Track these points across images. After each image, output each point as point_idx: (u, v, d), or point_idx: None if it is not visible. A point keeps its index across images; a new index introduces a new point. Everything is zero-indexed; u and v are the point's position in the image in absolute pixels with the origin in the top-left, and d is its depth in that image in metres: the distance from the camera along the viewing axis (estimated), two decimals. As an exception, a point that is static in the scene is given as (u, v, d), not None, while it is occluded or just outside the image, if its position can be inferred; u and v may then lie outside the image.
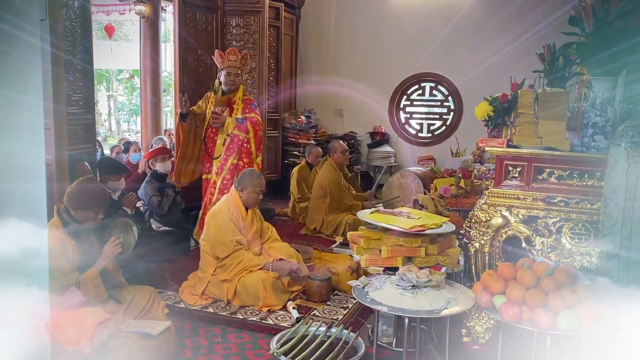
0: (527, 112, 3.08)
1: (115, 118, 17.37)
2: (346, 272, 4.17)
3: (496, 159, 3.16)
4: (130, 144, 7.28)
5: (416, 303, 2.70)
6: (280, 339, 2.95)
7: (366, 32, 8.25)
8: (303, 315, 3.69)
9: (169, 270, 4.60)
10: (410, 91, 8.50)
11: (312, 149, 6.76)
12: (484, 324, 3.07)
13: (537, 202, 3.01)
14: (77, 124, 4.40)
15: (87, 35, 4.52)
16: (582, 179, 2.95)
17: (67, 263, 2.86)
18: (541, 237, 3.01)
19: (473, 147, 6.65)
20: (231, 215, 3.99)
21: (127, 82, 16.97)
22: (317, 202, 6.08)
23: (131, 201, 4.61)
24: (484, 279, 2.72)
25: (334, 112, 8.68)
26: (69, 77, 4.30)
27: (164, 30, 9.91)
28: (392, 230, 3.15)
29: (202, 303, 3.87)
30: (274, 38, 7.57)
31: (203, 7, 6.36)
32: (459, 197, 4.79)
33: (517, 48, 6.95)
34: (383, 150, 8.31)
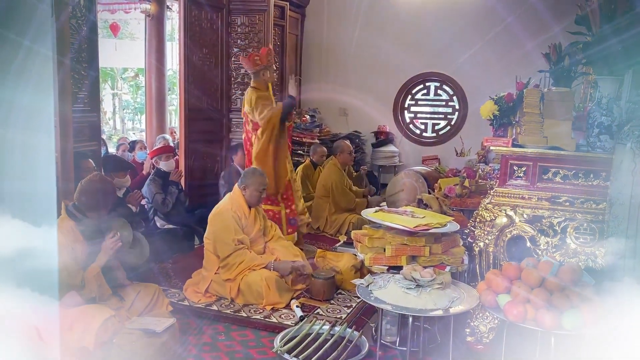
0: (533, 111, 3.08)
1: (120, 116, 17.40)
2: (350, 270, 4.17)
3: (501, 158, 3.15)
4: (135, 143, 7.30)
5: (420, 302, 2.70)
6: (284, 337, 2.96)
7: (371, 31, 8.23)
8: (307, 313, 3.69)
9: (172, 268, 4.61)
10: (415, 91, 8.48)
11: (317, 149, 6.77)
12: (488, 324, 3.07)
13: (542, 202, 3.01)
14: (82, 122, 4.42)
15: (92, 34, 4.53)
16: (588, 179, 2.94)
17: (74, 262, 2.87)
18: (546, 236, 3.00)
19: (478, 147, 6.64)
20: (234, 214, 3.99)
21: (132, 80, 17.00)
22: (320, 202, 6.09)
23: (136, 199, 4.62)
24: (489, 278, 2.72)
25: (338, 111, 8.67)
26: (75, 75, 4.31)
27: (169, 28, 9.92)
28: (396, 229, 3.15)
29: (205, 301, 3.88)
30: (278, 37, 7.57)
31: (208, 6, 6.36)
32: (463, 196, 4.79)
33: (522, 47, 6.93)
34: (387, 149, 8.30)
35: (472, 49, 7.71)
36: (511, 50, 7.18)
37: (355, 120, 8.57)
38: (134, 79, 16.82)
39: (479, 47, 7.63)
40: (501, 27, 7.41)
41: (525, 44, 6.86)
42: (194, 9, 6.19)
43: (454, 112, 8.36)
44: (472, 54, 7.71)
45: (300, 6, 8.33)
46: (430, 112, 8.59)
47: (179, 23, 6.18)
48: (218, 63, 6.53)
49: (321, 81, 8.56)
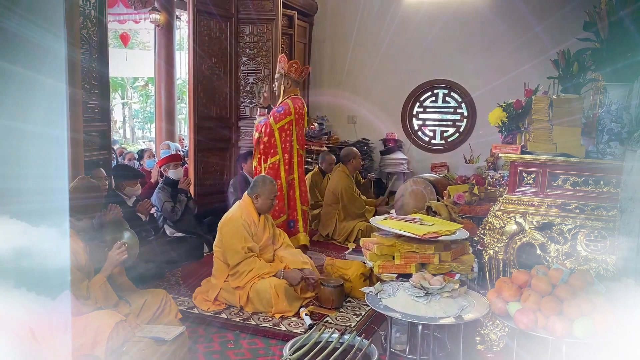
0: (542, 118, 3.07)
1: (130, 125, 17.54)
2: (359, 278, 4.16)
3: (510, 165, 3.14)
4: (144, 151, 7.35)
5: (430, 310, 2.69)
6: (293, 345, 2.95)
7: (379, 39, 8.25)
8: (316, 321, 3.68)
9: (182, 276, 4.63)
10: (423, 98, 8.48)
11: (326, 156, 6.80)
12: (498, 332, 3.04)
13: (552, 209, 2.99)
14: (93, 131, 4.46)
15: (103, 44, 4.58)
16: (598, 186, 2.92)
17: (78, 272, 2.87)
18: (556, 244, 2.98)
19: (487, 154, 6.61)
20: (243, 222, 4.00)
21: (142, 89, 17.15)
22: (329, 209, 6.09)
23: (145, 208, 4.65)
24: (498, 286, 2.71)
25: (346, 118, 8.69)
26: (85, 85, 4.36)
27: (178, 38, 10.01)
28: (406, 236, 3.14)
29: (215, 309, 3.88)
30: (287, 45, 7.61)
31: (217, 16, 6.42)
32: (472, 204, 4.76)
33: (530, 54, 6.91)
34: (396, 157, 8.28)
35: (480, 56, 7.70)
36: (519, 57, 7.16)
37: (363, 128, 8.58)
38: (143, 88, 16.96)
39: (487, 54, 7.62)
40: (510, 33, 7.40)
41: (534, 51, 6.85)
42: (203, 19, 6.25)
43: (463, 119, 8.34)
44: (480, 61, 7.70)
45: (308, 15, 8.37)
46: (438, 119, 8.57)
47: (188, 33, 6.24)
48: (227, 72, 6.58)
49: (329, 89, 8.59)
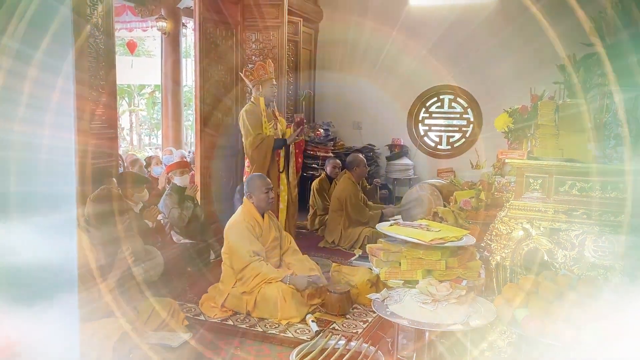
0: (548, 123, 3.06)
1: (137, 132, 17.62)
2: (365, 285, 4.15)
3: (517, 171, 3.13)
4: (151, 158, 7.38)
5: (436, 316, 2.68)
6: (300, 352, 2.95)
7: (384, 46, 8.27)
8: (322, 328, 3.68)
9: (189, 283, 4.63)
10: (429, 103, 8.48)
11: (331, 160, 6.84)
12: (505, 338, 3.02)
13: (559, 215, 2.97)
14: (100, 139, 4.48)
15: (110, 52, 4.61)
16: (605, 191, 2.90)
17: (90, 276, 2.90)
18: (563, 250, 2.96)
19: (493, 159, 6.58)
20: (247, 224, 4.02)
21: (148, 97, 17.24)
22: (335, 215, 6.09)
23: (153, 214, 4.66)
24: (506, 292, 2.69)
25: (352, 124, 8.70)
26: (92, 92, 4.39)
27: (185, 45, 10.08)
28: (412, 242, 3.14)
29: (221, 315, 3.89)
30: (292, 52, 7.64)
31: (223, 23, 6.45)
32: (479, 209, 4.74)
33: (536, 59, 6.90)
34: (402, 162, 8.28)
35: (486, 61, 7.69)
36: (525, 62, 7.15)
37: (369, 133, 8.58)
38: (150, 96, 17.05)
39: (493, 60, 7.61)
40: (516, 39, 7.39)
41: (540, 56, 6.83)
42: (209, 27, 6.28)
43: (469, 125, 8.33)
44: (486, 66, 7.69)
45: (314, 22, 8.40)
46: (444, 125, 8.57)
47: (195, 40, 6.27)
48: (233, 79, 6.61)
49: (335, 95, 8.61)
